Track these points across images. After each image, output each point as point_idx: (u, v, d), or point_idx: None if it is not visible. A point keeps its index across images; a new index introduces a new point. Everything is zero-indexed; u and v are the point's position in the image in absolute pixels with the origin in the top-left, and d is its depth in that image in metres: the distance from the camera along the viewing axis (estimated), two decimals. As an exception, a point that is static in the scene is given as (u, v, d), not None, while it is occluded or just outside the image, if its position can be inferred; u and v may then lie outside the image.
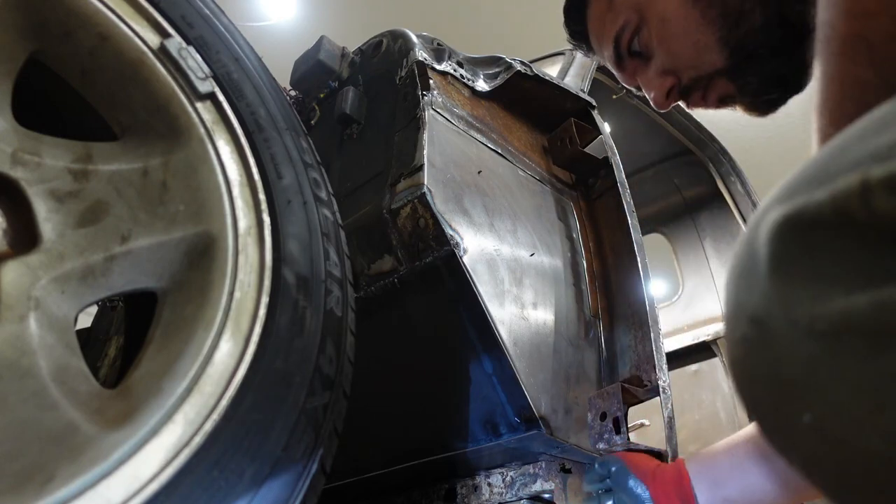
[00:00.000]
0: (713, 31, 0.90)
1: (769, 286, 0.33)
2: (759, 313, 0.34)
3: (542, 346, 1.17)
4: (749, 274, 0.35)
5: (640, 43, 0.98)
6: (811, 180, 0.33)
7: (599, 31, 1.04)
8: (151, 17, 0.73)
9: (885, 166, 0.29)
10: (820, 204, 0.31)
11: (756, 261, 0.34)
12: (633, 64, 1.01)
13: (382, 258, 1.12)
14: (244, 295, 0.67)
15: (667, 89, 0.98)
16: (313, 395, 0.69)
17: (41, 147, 0.63)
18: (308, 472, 0.66)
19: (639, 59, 1.00)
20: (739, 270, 0.36)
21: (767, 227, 0.34)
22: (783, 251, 0.33)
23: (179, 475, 0.54)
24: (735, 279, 0.37)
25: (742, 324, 0.35)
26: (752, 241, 0.35)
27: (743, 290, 0.36)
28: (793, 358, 0.32)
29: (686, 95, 1.00)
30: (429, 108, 1.17)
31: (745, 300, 0.35)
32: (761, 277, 0.34)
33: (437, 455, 1.20)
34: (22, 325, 0.55)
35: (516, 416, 1.09)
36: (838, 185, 0.30)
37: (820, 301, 0.31)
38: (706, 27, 0.90)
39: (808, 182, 0.33)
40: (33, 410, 0.52)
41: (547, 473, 1.16)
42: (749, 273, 0.35)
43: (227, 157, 0.73)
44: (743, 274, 0.36)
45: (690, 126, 2.62)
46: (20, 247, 0.59)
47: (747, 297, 0.35)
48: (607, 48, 1.02)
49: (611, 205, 1.49)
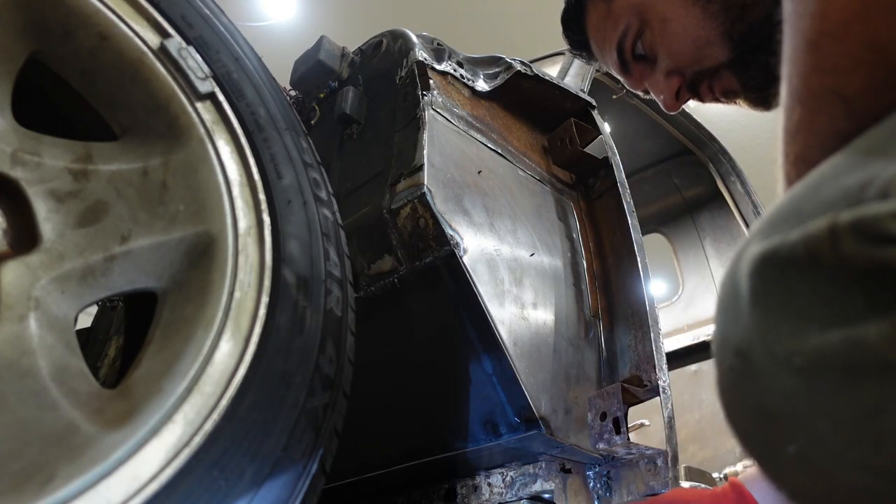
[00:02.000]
0: (716, 26, 0.90)
1: (751, 319, 0.34)
2: (742, 345, 0.35)
3: (542, 346, 1.17)
4: (733, 306, 0.36)
5: (644, 46, 0.97)
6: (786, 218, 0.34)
7: (601, 39, 1.03)
8: (151, 17, 0.73)
9: (853, 211, 0.29)
10: (793, 245, 0.32)
11: (738, 294, 0.35)
12: (638, 68, 1.01)
13: (382, 258, 1.12)
14: (244, 295, 0.67)
15: (675, 90, 0.97)
16: (313, 395, 0.69)
17: (41, 147, 0.63)
18: (308, 472, 0.66)
19: (644, 62, 0.99)
20: (724, 301, 0.37)
21: (747, 263, 0.35)
22: (762, 286, 0.34)
23: (179, 475, 0.54)
24: (722, 310, 0.38)
25: (728, 355, 0.36)
26: (735, 274, 0.36)
27: (729, 321, 0.37)
28: (775, 391, 0.33)
29: (695, 91, 0.99)
30: (429, 108, 1.17)
31: (730, 332, 0.36)
32: (744, 310, 0.35)
33: (437, 455, 1.20)
34: (22, 325, 0.55)
35: (516, 416, 1.09)
36: (809, 228, 0.31)
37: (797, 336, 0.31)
38: (708, 22, 0.90)
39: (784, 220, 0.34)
40: (33, 410, 0.52)
41: (547, 473, 1.16)
42: (733, 305, 0.36)
43: (227, 157, 0.73)
44: (727, 305, 0.37)
45: (690, 126, 2.61)
46: (20, 247, 0.59)
47: (732, 328, 0.36)
48: (610, 55, 1.02)
49: (611, 205, 1.49)
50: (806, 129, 0.42)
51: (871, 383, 0.28)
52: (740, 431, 0.37)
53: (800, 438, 0.32)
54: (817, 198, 0.33)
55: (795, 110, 0.43)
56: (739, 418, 0.37)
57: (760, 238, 0.35)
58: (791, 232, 0.32)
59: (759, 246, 0.34)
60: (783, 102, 0.45)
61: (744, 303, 0.35)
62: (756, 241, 0.35)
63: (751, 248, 0.35)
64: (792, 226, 0.32)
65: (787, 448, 0.32)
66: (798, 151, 0.43)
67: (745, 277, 0.35)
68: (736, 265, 0.36)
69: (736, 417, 0.37)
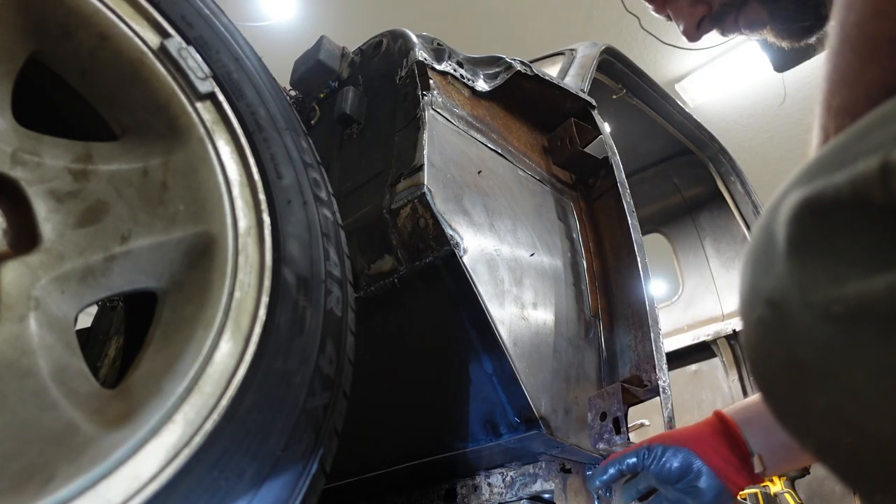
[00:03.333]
0: None
1: (786, 269, 0.33)
2: (775, 296, 0.34)
3: (542, 346, 1.17)
4: (766, 256, 0.35)
5: None
6: (831, 164, 0.32)
7: None
8: (151, 17, 0.73)
9: None
10: (839, 187, 0.30)
11: (773, 243, 0.34)
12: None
13: (382, 258, 1.12)
14: (244, 295, 0.67)
15: (697, 19, 0.95)
16: (313, 395, 0.69)
17: (41, 147, 0.63)
18: (308, 472, 0.66)
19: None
20: (756, 253, 0.36)
21: (786, 210, 0.33)
22: (801, 234, 0.32)
23: (179, 475, 0.54)
24: (752, 261, 0.36)
25: (758, 306, 0.35)
26: (770, 223, 0.35)
27: (760, 272, 0.35)
28: (808, 341, 0.32)
29: (719, 22, 0.96)
30: (429, 108, 1.17)
31: (762, 283, 0.35)
32: (778, 260, 0.33)
33: (437, 455, 1.20)
34: (22, 325, 0.55)
35: (516, 416, 1.09)
36: (858, 167, 0.30)
37: (837, 284, 0.30)
38: None
39: (828, 165, 0.32)
40: (33, 410, 0.52)
41: (547, 473, 1.16)
42: (766, 255, 0.35)
43: (227, 157, 0.73)
44: (760, 256, 0.35)
45: (690, 126, 2.62)
46: (20, 247, 0.59)
47: (764, 279, 0.35)
48: None
49: (611, 205, 1.49)
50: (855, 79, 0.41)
51: None
52: (766, 384, 0.36)
53: (831, 390, 0.31)
54: (865, 143, 0.31)
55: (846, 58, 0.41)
56: (767, 371, 0.35)
57: (801, 184, 0.33)
58: (836, 174, 0.31)
59: (801, 192, 0.33)
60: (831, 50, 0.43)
61: (779, 251, 0.33)
62: (796, 187, 0.33)
63: (790, 195, 0.33)
64: (836, 170, 0.31)
65: (817, 400, 0.32)
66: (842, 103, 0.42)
67: (782, 225, 0.33)
68: (772, 214, 0.35)
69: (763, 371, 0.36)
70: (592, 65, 1.88)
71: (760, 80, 4.47)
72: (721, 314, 2.78)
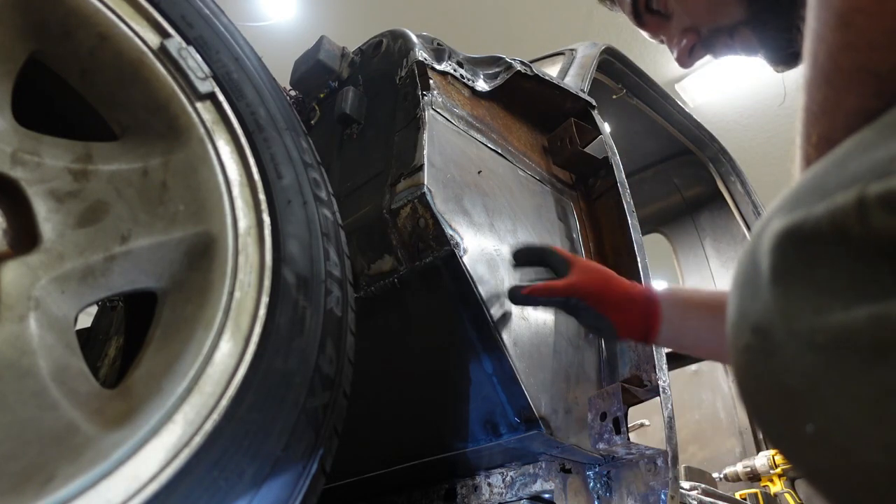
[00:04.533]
0: None
1: (771, 296, 0.33)
2: (761, 323, 0.34)
3: (542, 346, 1.17)
4: (752, 283, 0.35)
5: (659, 2, 0.97)
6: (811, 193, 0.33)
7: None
8: (151, 17, 0.73)
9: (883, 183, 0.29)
10: (818, 218, 0.31)
11: (758, 270, 0.34)
12: (654, 21, 1.00)
13: (382, 258, 1.12)
14: (244, 295, 0.67)
15: (689, 48, 0.96)
16: (313, 395, 0.69)
17: (41, 147, 0.63)
18: (308, 472, 0.66)
19: (659, 16, 0.98)
20: (743, 279, 0.36)
21: (769, 238, 0.34)
22: (784, 262, 0.33)
23: (179, 475, 0.54)
24: (739, 287, 0.37)
25: (745, 332, 0.35)
26: (755, 250, 0.35)
27: (746, 298, 0.36)
28: (795, 369, 0.32)
29: (710, 48, 0.98)
30: (429, 108, 1.17)
31: (749, 309, 0.35)
32: (764, 287, 0.34)
33: (437, 455, 1.20)
34: (22, 325, 0.55)
35: (516, 416, 1.09)
36: (836, 200, 0.30)
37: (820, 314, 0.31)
38: None
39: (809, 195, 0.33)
40: (33, 410, 0.52)
41: (547, 473, 1.16)
42: (752, 282, 0.35)
43: (227, 157, 0.73)
44: (746, 282, 0.36)
45: (691, 126, 2.61)
46: (20, 247, 0.59)
47: (750, 305, 0.35)
48: (626, 6, 1.01)
49: (611, 205, 1.49)
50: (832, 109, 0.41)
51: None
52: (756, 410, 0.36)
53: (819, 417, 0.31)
54: (844, 172, 0.32)
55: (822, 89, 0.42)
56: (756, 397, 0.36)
57: (783, 213, 0.34)
58: (816, 206, 0.31)
59: (782, 221, 0.33)
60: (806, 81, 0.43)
61: (764, 279, 0.34)
62: (779, 216, 0.34)
63: (773, 223, 0.34)
64: (817, 200, 0.31)
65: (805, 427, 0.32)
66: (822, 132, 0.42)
67: (766, 253, 0.34)
68: (756, 241, 0.35)
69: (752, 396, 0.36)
70: (592, 65, 1.88)
71: (760, 80, 4.47)
72: (721, 314, 2.77)
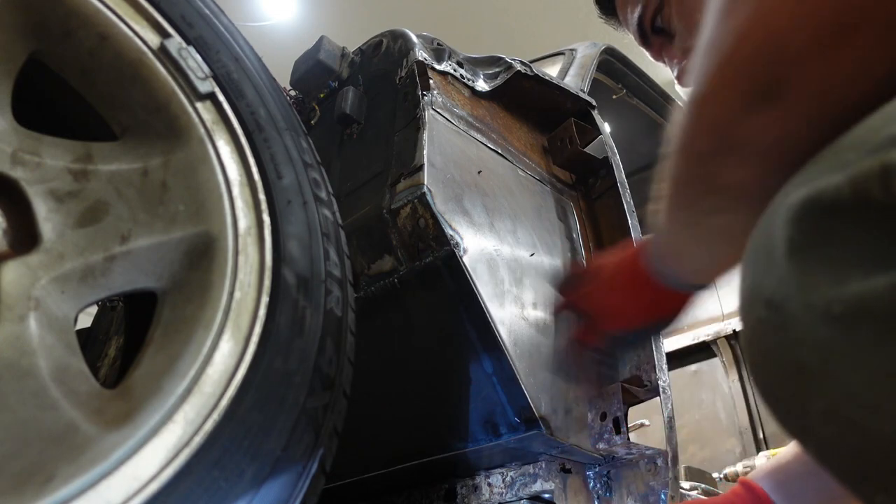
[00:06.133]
0: None
1: (786, 269, 0.33)
2: (775, 296, 0.33)
3: (542, 346, 1.17)
4: (766, 257, 0.35)
5: (663, 21, 0.97)
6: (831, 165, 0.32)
7: (624, 8, 1.04)
8: (151, 17, 0.73)
9: None
10: (839, 187, 0.30)
11: (773, 244, 0.34)
12: (657, 41, 1.00)
13: (382, 258, 1.12)
14: (244, 295, 0.67)
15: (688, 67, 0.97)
16: (313, 395, 0.69)
17: (41, 147, 0.63)
18: (308, 472, 0.66)
19: (663, 35, 0.99)
20: (756, 253, 0.36)
21: (786, 210, 0.33)
22: (801, 234, 0.32)
23: (179, 475, 0.54)
24: (752, 262, 0.36)
25: (758, 306, 0.35)
26: (770, 224, 0.35)
27: (760, 272, 0.35)
28: (808, 342, 0.31)
29: None
30: (429, 108, 1.17)
31: (762, 283, 0.35)
32: (778, 260, 0.33)
33: (437, 455, 1.20)
34: (22, 325, 0.55)
35: (516, 416, 1.09)
36: (858, 167, 0.30)
37: (837, 284, 0.30)
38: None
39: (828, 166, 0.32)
40: (33, 410, 0.52)
41: (547, 473, 1.16)
42: (766, 256, 0.35)
43: (227, 157, 0.73)
44: (760, 257, 0.35)
45: (690, 126, 2.61)
46: (20, 247, 0.59)
47: (764, 279, 0.35)
48: (631, 26, 1.02)
49: (611, 205, 1.49)
50: None
51: None
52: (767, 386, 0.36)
53: (832, 392, 0.31)
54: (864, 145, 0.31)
55: None
56: (767, 372, 0.35)
57: (801, 185, 0.33)
58: (836, 175, 0.31)
59: (801, 192, 0.33)
60: None
61: (779, 252, 0.33)
62: (794, 189, 0.33)
63: (790, 196, 0.33)
64: (836, 171, 0.31)
65: (817, 402, 0.31)
66: None
67: (782, 226, 0.33)
68: (771, 215, 0.35)
69: (763, 373, 0.36)
70: (592, 65, 1.88)
71: (760, 80, 4.46)
72: (721, 314, 2.78)
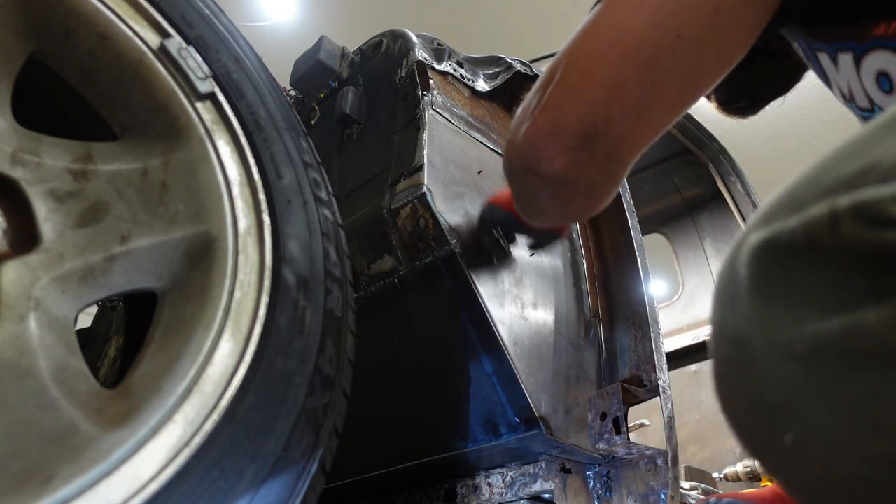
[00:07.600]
0: None
1: (749, 308, 0.34)
2: (740, 334, 0.35)
3: (542, 346, 1.17)
4: (731, 295, 0.36)
5: None
6: (786, 207, 0.34)
7: None
8: (151, 17, 0.73)
9: (853, 195, 0.30)
10: (793, 230, 0.32)
11: (737, 282, 0.35)
12: None
13: (382, 258, 1.12)
14: (244, 295, 0.67)
15: None
16: (313, 395, 0.69)
17: (41, 147, 0.63)
18: (308, 472, 0.66)
19: None
20: (722, 291, 0.37)
21: (746, 251, 0.35)
22: (761, 274, 0.34)
23: (179, 475, 0.54)
24: (718, 299, 0.38)
25: (725, 343, 0.36)
26: (734, 263, 0.36)
27: (726, 310, 0.37)
28: (773, 379, 0.32)
29: None
30: (429, 108, 1.17)
31: (728, 320, 0.36)
32: (742, 299, 0.35)
33: (437, 455, 1.20)
34: (22, 325, 0.55)
35: (516, 416, 1.09)
36: (809, 213, 0.31)
37: (797, 323, 0.31)
38: None
39: (784, 209, 0.34)
40: (33, 410, 0.52)
41: (547, 473, 1.16)
42: (731, 294, 0.36)
43: (226, 157, 0.73)
44: (725, 294, 0.37)
45: (690, 126, 2.61)
46: (20, 247, 0.59)
47: (729, 317, 0.36)
48: None
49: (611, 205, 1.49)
50: None
51: (871, 370, 0.28)
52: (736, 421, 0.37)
53: (797, 427, 0.32)
54: (816, 186, 0.33)
55: None
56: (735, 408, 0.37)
57: (759, 226, 0.35)
58: (790, 218, 0.32)
59: (759, 234, 0.34)
60: None
61: (742, 291, 0.34)
62: (755, 229, 0.35)
63: (750, 236, 0.35)
64: (792, 213, 0.32)
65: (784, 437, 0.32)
66: None
67: (743, 266, 0.35)
68: (735, 255, 0.36)
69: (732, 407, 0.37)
70: (592, 65, 1.87)
71: (760, 80, 4.46)
72: (721, 314, 2.77)
